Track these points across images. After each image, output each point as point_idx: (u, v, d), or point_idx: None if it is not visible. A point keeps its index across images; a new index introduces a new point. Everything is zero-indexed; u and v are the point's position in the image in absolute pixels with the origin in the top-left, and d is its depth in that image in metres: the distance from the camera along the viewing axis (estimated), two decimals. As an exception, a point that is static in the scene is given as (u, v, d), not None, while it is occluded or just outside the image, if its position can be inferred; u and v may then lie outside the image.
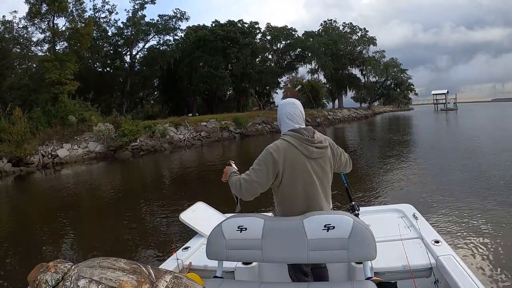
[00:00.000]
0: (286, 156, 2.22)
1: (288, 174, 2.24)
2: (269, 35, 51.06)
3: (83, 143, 22.37)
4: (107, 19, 40.33)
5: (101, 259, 1.42)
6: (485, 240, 5.05)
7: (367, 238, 2.13)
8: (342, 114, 48.71)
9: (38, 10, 27.02)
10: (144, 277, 1.35)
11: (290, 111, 2.41)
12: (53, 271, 1.38)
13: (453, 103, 67.43)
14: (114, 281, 1.30)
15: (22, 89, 28.08)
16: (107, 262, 1.39)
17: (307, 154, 2.25)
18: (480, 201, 6.94)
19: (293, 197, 2.29)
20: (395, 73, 59.47)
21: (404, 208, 3.59)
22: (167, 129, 25.47)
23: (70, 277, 1.35)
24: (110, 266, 1.37)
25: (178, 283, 1.38)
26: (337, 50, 53.13)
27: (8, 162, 18.59)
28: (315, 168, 2.29)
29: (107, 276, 1.31)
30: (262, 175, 2.23)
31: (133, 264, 1.42)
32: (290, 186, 2.27)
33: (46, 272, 1.38)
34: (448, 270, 2.34)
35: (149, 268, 1.42)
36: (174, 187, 12.40)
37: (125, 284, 1.29)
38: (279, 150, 2.23)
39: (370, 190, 8.83)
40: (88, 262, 1.41)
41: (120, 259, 1.43)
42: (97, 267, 1.36)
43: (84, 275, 1.33)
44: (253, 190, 2.27)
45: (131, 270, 1.37)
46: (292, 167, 2.23)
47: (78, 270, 1.37)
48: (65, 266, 1.41)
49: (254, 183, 2.24)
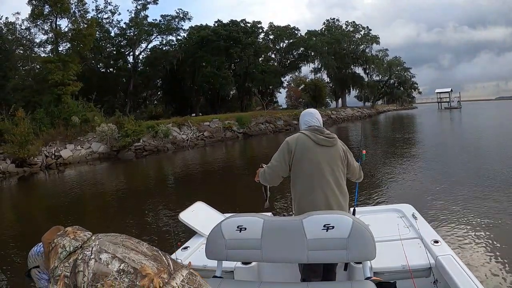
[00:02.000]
0: (298, 142, 2.64)
1: (298, 153, 2.62)
2: (272, 35, 51.12)
3: (86, 143, 22.41)
4: (109, 20, 40.63)
5: (124, 238, 1.38)
6: (485, 240, 5.03)
7: (367, 238, 2.13)
8: (345, 113, 48.58)
9: (41, 12, 27.15)
10: (163, 266, 1.32)
11: (308, 118, 2.83)
12: (72, 237, 1.33)
13: (457, 101, 67.02)
14: (136, 263, 1.26)
15: (26, 90, 28.14)
16: (130, 243, 1.35)
17: (315, 140, 2.62)
18: (481, 201, 6.89)
19: (301, 174, 2.60)
20: (398, 71, 59.26)
21: (404, 208, 3.60)
22: (170, 129, 25.47)
23: (91, 247, 1.30)
24: (133, 248, 1.33)
25: (193, 280, 1.35)
26: (340, 49, 53.10)
27: (11, 163, 18.66)
28: (322, 153, 2.62)
29: (130, 257, 1.27)
30: (279, 158, 2.67)
31: (155, 251, 1.38)
32: (298, 162, 2.61)
33: (64, 237, 1.33)
34: (447, 270, 2.34)
35: (168, 258, 1.38)
36: (175, 187, 12.41)
37: (147, 268, 1.25)
38: (293, 138, 2.69)
39: (371, 189, 8.79)
40: (111, 238, 1.36)
41: (143, 243, 1.39)
42: (120, 245, 1.32)
43: (107, 249, 1.28)
44: (274, 173, 2.69)
45: (153, 257, 1.33)
46: (302, 148, 2.62)
47: (100, 242, 1.32)
48: (85, 234, 1.36)
49: (274, 166, 2.69)
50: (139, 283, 1.21)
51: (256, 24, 46.96)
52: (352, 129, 33.74)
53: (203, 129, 27.86)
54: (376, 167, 12.18)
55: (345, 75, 55.62)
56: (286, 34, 51.25)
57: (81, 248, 1.31)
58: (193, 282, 1.34)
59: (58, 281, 1.24)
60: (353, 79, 57.39)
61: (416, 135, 23.91)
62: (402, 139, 20.40)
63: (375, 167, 12.23)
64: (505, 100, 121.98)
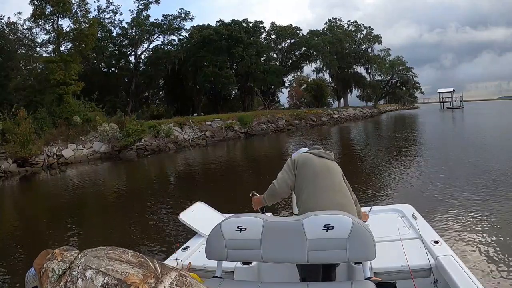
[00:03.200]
0: (300, 156, 2.81)
1: (300, 162, 2.75)
2: (273, 34, 51.03)
3: (88, 143, 22.43)
4: (111, 20, 40.66)
5: (109, 249, 1.37)
6: (485, 240, 5.03)
7: (367, 238, 2.13)
8: (347, 113, 48.45)
9: (42, 12, 27.15)
10: (150, 271, 1.29)
11: (304, 148, 3.08)
12: (59, 259, 1.33)
13: (459, 101, 66.84)
14: (120, 273, 1.25)
15: (27, 90, 28.15)
16: (114, 254, 1.34)
17: (316, 154, 2.80)
18: (481, 201, 6.89)
19: (305, 177, 2.68)
20: (400, 71, 58.97)
21: (404, 208, 3.61)
22: (171, 129, 25.46)
23: (77, 266, 1.29)
24: (117, 258, 1.31)
25: (182, 281, 1.32)
26: (342, 48, 52.96)
27: (13, 162, 18.68)
28: (323, 163, 2.75)
29: (113, 268, 1.26)
30: (283, 170, 2.79)
31: (140, 257, 1.36)
32: (302, 167, 2.72)
33: (52, 260, 1.33)
34: (448, 270, 2.34)
35: (155, 263, 1.36)
36: (176, 187, 12.41)
37: (131, 277, 1.23)
38: (296, 156, 2.87)
39: (371, 189, 8.80)
40: (96, 252, 1.35)
41: (128, 251, 1.38)
42: (104, 258, 1.31)
43: (92, 265, 1.27)
44: (283, 182, 2.74)
45: (138, 264, 1.31)
46: (304, 160, 2.76)
47: (85, 259, 1.31)
48: (71, 254, 1.36)
49: (280, 178, 2.77)
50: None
51: (258, 24, 46.91)
52: (353, 129, 33.70)
53: (204, 129, 27.85)
54: (377, 167, 12.22)
55: (347, 74, 55.43)
56: (288, 33, 51.15)
57: (69, 269, 1.31)
58: (183, 283, 1.31)
59: None
60: (355, 79, 57.16)
61: (419, 134, 23.83)
62: (405, 139, 20.34)
63: (376, 167, 12.27)
64: (507, 100, 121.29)
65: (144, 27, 40.43)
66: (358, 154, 16.67)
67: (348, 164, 13.22)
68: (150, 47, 43.70)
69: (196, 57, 41.48)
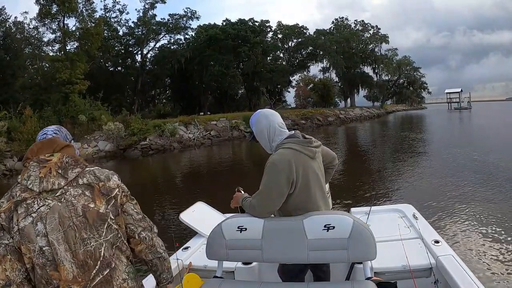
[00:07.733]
0: (298, 164, 2.15)
1: (302, 180, 2.18)
2: (280, 34, 51.02)
3: (93, 142, 22.45)
4: (118, 19, 40.97)
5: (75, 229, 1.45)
6: (486, 240, 5.03)
7: (367, 238, 2.12)
8: (354, 113, 48.20)
9: (49, 11, 27.35)
10: None
11: (278, 120, 2.33)
12: (42, 175, 1.44)
13: (467, 102, 66.43)
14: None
15: (33, 89, 28.36)
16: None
17: (311, 156, 2.24)
18: (482, 201, 6.88)
19: (308, 200, 2.23)
20: (408, 71, 58.69)
21: (404, 208, 3.62)
22: (176, 128, 25.41)
23: (39, 206, 1.39)
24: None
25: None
26: (349, 48, 52.80)
27: (18, 160, 18.68)
28: (318, 168, 2.31)
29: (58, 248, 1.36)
30: (272, 198, 2.19)
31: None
32: (305, 189, 2.21)
33: (36, 168, 1.48)
34: (448, 270, 2.35)
35: None
36: (179, 186, 12.37)
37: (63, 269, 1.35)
38: (288, 160, 2.13)
39: (373, 189, 8.79)
40: (63, 218, 1.41)
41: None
42: (61, 231, 1.38)
43: (48, 224, 1.37)
44: (266, 212, 2.25)
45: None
46: (305, 172, 2.19)
47: (52, 209, 1.39)
48: (56, 183, 1.44)
49: (264, 207, 2.22)
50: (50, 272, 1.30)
51: (265, 23, 46.91)
52: (360, 130, 33.50)
53: (210, 128, 27.79)
54: (379, 167, 12.23)
55: (354, 74, 55.26)
56: (295, 33, 51.10)
57: (37, 195, 1.35)
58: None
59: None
60: (362, 79, 56.95)
61: (426, 135, 23.59)
62: (413, 139, 20.14)
63: (379, 167, 12.28)
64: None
65: (150, 26, 40.62)
66: (363, 155, 16.49)
67: (353, 164, 13.11)
68: (156, 46, 44.00)
69: (203, 56, 41.54)
